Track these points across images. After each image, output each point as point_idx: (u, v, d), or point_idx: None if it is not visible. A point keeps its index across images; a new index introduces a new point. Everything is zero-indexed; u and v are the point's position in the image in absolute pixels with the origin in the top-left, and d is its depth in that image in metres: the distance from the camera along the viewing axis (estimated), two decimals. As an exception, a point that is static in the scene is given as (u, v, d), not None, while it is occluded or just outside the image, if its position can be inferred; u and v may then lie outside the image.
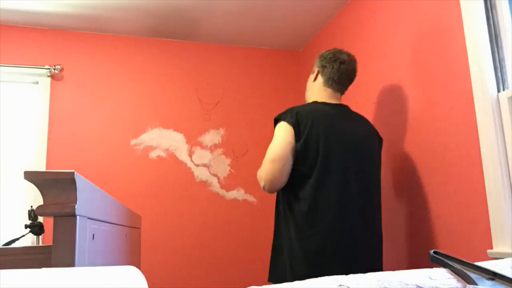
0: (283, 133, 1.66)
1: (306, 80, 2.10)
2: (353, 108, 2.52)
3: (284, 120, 1.68)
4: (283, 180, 1.65)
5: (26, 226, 2.10)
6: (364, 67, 2.39)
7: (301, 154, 1.63)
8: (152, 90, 2.97)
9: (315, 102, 1.80)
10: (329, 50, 1.90)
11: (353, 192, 1.63)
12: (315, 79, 1.91)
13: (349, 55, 1.88)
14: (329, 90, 1.84)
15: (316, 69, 1.91)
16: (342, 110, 1.80)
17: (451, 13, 1.74)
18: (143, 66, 2.98)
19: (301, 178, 1.64)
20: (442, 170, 1.77)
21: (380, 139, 1.86)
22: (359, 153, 1.70)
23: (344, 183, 1.62)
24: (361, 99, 2.41)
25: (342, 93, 1.89)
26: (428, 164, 1.86)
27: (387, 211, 2.14)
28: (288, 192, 1.69)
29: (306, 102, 1.92)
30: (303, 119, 1.65)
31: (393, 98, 2.13)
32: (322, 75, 1.87)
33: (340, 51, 1.88)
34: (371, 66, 2.33)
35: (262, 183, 1.68)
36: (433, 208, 1.82)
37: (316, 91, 1.88)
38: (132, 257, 1.97)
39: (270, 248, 1.81)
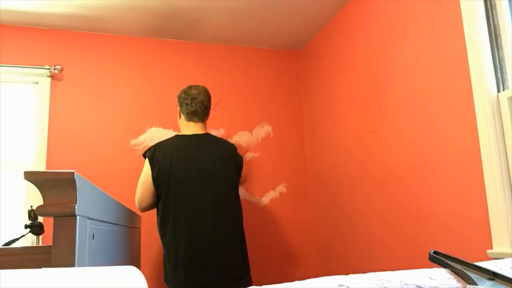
0: (145, 166, 2.08)
1: (306, 80, 2.19)
2: (353, 107, 2.53)
3: (145, 155, 2.11)
4: (148, 202, 2.07)
5: (26, 226, 2.10)
6: (364, 67, 2.39)
7: (155, 182, 2.02)
8: (152, 90, 2.96)
9: (175, 135, 2.16)
10: (183, 90, 2.23)
11: (194, 211, 1.98)
12: (179, 117, 2.24)
13: (197, 88, 2.20)
14: (190, 123, 2.17)
15: (178, 109, 2.24)
16: (196, 139, 2.12)
17: (451, 13, 1.74)
18: (143, 66, 2.98)
19: (159, 203, 2.05)
20: (442, 170, 1.77)
21: (238, 159, 2.15)
22: (204, 177, 2.02)
23: (186, 211, 1.97)
24: (361, 99, 2.41)
25: (203, 121, 2.21)
26: (428, 164, 1.86)
27: (386, 211, 2.15)
28: (157, 216, 2.09)
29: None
30: (159, 151, 2.05)
31: (392, 98, 2.13)
32: (182, 113, 2.20)
33: (190, 88, 2.21)
34: (371, 66, 2.33)
35: (135, 204, 2.11)
36: (433, 208, 1.82)
37: (182, 126, 2.21)
38: (132, 257, 1.97)
39: (272, 247, 1.88)
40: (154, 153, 2.06)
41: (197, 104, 2.15)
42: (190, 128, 2.17)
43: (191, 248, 1.94)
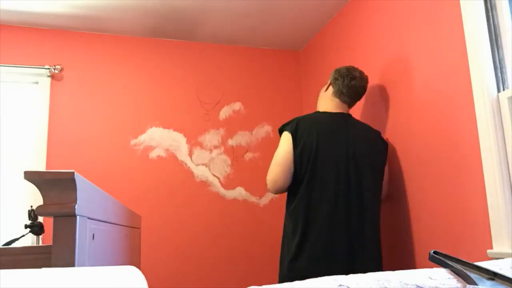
0: (285, 141, 1.88)
1: (306, 80, 2.17)
2: (353, 107, 2.52)
3: (286, 130, 1.90)
4: (284, 182, 1.85)
5: (26, 226, 2.10)
6: (364, 67, 2.39)
7: (298, 160, 1.83)
8: (152, 90, 2.97)
9: (317, 112, 1.99)
10: (345, 66, 2.08)
11: (342, 202, 1.80)
12: (326, 89, 2.08)
13: (361, 73, 2.06)
14: (336, 100, 2.02)
15: (329, 81, 2.08)
16: (342, 118, 1.95)
17: (451, 13, 1.74)
18: (143, 66, 2.98)
19: (297, 183, 1.84)
20: (442, 170, 1.77)
21: (384, 145, 1.99)
22: (353, 158, 1.85)
23: (333, 191, 1.80)
24: (362, 99, 2.41)
25: (350, 106, 2.05)
26: (428, 164, 1.86)
27: (387, 211, 2.14)
28: (289, 195, 1.91)
29: (316, 110, 2.09)
30: (303, 127, 1.86)
31: (392, 98, 2.13)
32: (333, 86, 2.04)
33: (354, 69, 2.06)
34: (370, 66, 2.33)
35: (267, 184, 1.91)
36: (433, 208, 1.82)
37: (325, 100, 2.06)
38: (132, 257, 1.97)
39: (272, 248, 1.87)
40: (297, 128, 1.86)
41: (354, 87, 2.01)
42: (335, 106, 2.01)
43: (331, 244, 1.75)
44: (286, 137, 1.88)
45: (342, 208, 1.78)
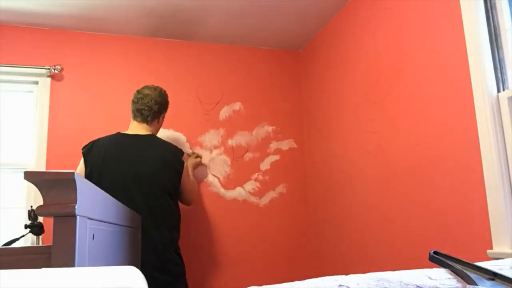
0: (81, 161, 2.09)
1: (306, 80, 2.20)
2: (353, 107, 2.52)
3: (82, 150, 2.11)
4: None
5: (26, 226, 2.10)
6: (364, 67, 2.39)
7: (87, 178, 1.98)
8: (152, 90, 2.96)
9: (117, 133, 2.17)
10: (138, 89, 2.28)
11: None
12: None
13: (151, 89, 2.25)
14: (134, 122, 2.22)
15: None
16: (135, 139, 2.12)
17: (451, 13, 1.74)
18: (143, 66, 2.98)
19: None
20: (442, 170, 1.77)
21: (175, 162, 2.14)
22: (137, 177, 2.01)
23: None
24: (361, 99, 2.41)
25: (147, 122, 2.21)
26: (427, 164, 1.86)
27: (386, 211, 2.15)
28: None
29: None
30: (95, 149, 2.06)
31: (392, 98, 2.13)
32: (131, 110, 2.25)
33: (144, 87, 2.26)
34: (370, 66, 2.33)
35: None
36: (433, 208, 1.82)
37: (130, 124, 2.25)
38: (132, 257, 1.97)
39: (272, 248, 1.87)
40: (90, 150, 2.07)
41: (143, 105, 2.19)
42: (133, 126, 2.21)
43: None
44: (81, 159, 2.09)
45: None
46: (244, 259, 2.91)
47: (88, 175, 2.00)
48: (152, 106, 2.20)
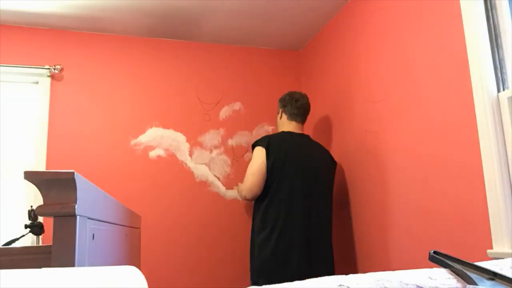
0: (259, 154, 2.27)
1: (306, 80, 2.31)
2: (353, 107, 2.53)
3: (259, 145, 2.29)
4: (259, 190, 2.24)
5: (26, 226, 2.10)
6: (364, 67, 2.39)
7: (269, 170, 2.21)
8: (152, 90, 2.96)
9: (283, 132, 2.40)
10: (286, 94, 2.52)
11: (298, 205, 2.17)
12: (280, 118, 2.50)
13: (301, 93, 2.51)
14: (293, 123, 2.45)
15: (280, 110, 2.51)
16: (303, 138, 2.39)
17: (451, 13, 1.74)
18: (143, 66, 2.98)
19: (266, 189, 2.23)
20: (442, 170, 1.77)
21: (333, 163, 2.43)
22: (310, 173, 2.24)
23: (290, 198, 2.18)
24: (361, 99, 2.41)
25: (303, 123, 2.49)
26: (427, 163, 1.86)
27: (386, 211, 2.15)
28: (258, 201, 2.29)
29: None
30: (273, 143, 2.26)
31: (393, 97, 2.13)
32: (285, 113, 2.47)
33: (294, 92, 2.51)
34: (370, 66, 2.33)
35: (243, 193, 2.30)
36: (433, 208, 1.82)
37: (284, 126, 2.46)
38: (132, 257, 1.97)
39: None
40: (269, 143, 2.26)
41: (301, 107, 2.45)
42: (291, 127, 2.42)
43: (302, 238, 2.14)
44: (259, 150, 2.27)
45: (300, 213, 2.17)
46: (244, 259, 2.91)
47: (270, 167, 2.21)
48: (307, 108, 2.48)
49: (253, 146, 2.34)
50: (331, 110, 2.77)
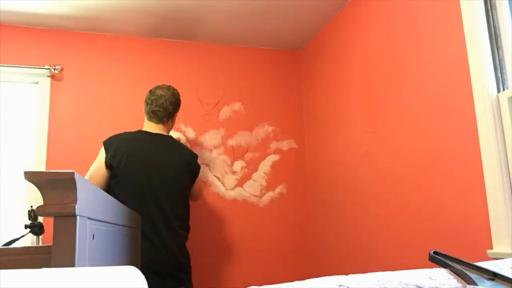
0: (99, 154, 2.08)
1: (306, 80, 2.21)
2: (353, 107, 2.53)
3: (103, 143, 2.10)
4: (100, 183, 2.03)
5: (26, 226, 2.10)
6: (364, 67, 2.39)
7: (107, 163, 2.02)
8: (152, 90, 2.96)
9: (138, 130, 2.20)
10: (150, 89, 2.27)
11: (145, 205, 1.99)
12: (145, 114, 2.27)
13: (163, 89, 2.25)
14: (150, 123, 2.22)
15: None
16: (158, 138, 2.17)
17: (451, 13, 1.74)
18: (143, 66, 2.98)
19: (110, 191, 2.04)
20: (442, 170, 1.77)
21: (194, 167, 2.24)
22: (157, 173, 2.05)
23: (137, 197, 2.00)
24: (361, 99, 2.41)
25: (163, 123, 2.23)
26: (427, 163, 1.86)
27: (387, 211, 2.15)
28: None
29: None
30: (116, 143, 2.06)
31: (392, 98, 2.13)
32: (144, 111, 2.25)
33: (157, 88, 2.26)
34: (370, 66, 2.33)
35: None
36: (433, 208, 1.82)
37: (144, 124, 2.25)
38: (132, 257, 1.97)
39: (272, 248, 1.86)
40: (111, 141, 2.09)
41: (157, 106, 2.19)
42: (150, 127, 2.21)
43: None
44: (101, 150, 2.09)
45: (143, 225, 1.97)
46: (244, 259, 2.91)
47: (109, 160, 2.02)
48: (167, 107, 2.22)
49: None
50: (331, 110, 2.77)
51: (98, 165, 2.04)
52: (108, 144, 2.08)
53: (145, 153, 2.08)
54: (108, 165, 2.02)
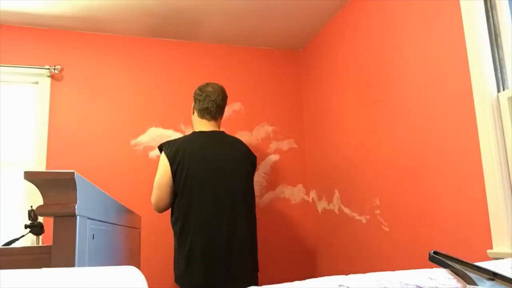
0: (162, 163, 2.08)
1: (306, 80, 2.20)
2: (353, 107, 2.53)
3: (163, 152, 2.11)
4: (166, 202, 2.08)
5: (26, 226, 2.10)
6: (364, 67, 2.39)
7: (175, 178, 2.04)
8: (152, 90, 2.96)
9: (193, 132, 2.20)
10: (199, 87, 2.26)
11: (212, 208, 2.01)
12: (193, 113, 2.27)
13: (213, 86, 2.24)
14: (203, 121, 2.21)
15: (192, 105, 2.28)
16: (214, 136, 2.17)
17: (451, 13, 1.74)
18: (143, 66, 2.98)
19: (176, 198, 2.06)
20: (442, 170, 1.77)
21: (253, 158, 2.26)
22: (222, 172, 2.07)
23: (204, 201, 2.01)
24: (361, 99, 2.41)
25: (216, 119, 2.23)
26: (427, 163, 1.86)
27: (386, 211, 2.15)
28: (172, 211, 2.12)
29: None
30: (178, 149, 2.06)
31: (393, 98, 2.13)
32: (195, 109, 2.24)
33: (206, 85, 2.25)
34: (370, 66, 2.33)
35: (153, 206, 2.11)
36: (433, 208, 1.82)
37: (195, 123, 2.25)
38: (132, 257, 1.97)
39: (272, 248, 1.88)
40: (170, 150, 2.08)
41: (210, 102, 2.19)
42: (203, 125, 2.20)
43: (208, 246, 1.98)
44: (162, 159, 2.09)
45: (213, 224, 2.00)
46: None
47: (174, 174, 2.04)
48: (220, 102, 2.22)
49: (159, 149, 2.17)
50: (331, 110, 2.77)
51: (162, 174, 2.06)
52: (168, 151, 2.08)
53: (208, 153, 2.08)
54: (174, 173, 2.05)
